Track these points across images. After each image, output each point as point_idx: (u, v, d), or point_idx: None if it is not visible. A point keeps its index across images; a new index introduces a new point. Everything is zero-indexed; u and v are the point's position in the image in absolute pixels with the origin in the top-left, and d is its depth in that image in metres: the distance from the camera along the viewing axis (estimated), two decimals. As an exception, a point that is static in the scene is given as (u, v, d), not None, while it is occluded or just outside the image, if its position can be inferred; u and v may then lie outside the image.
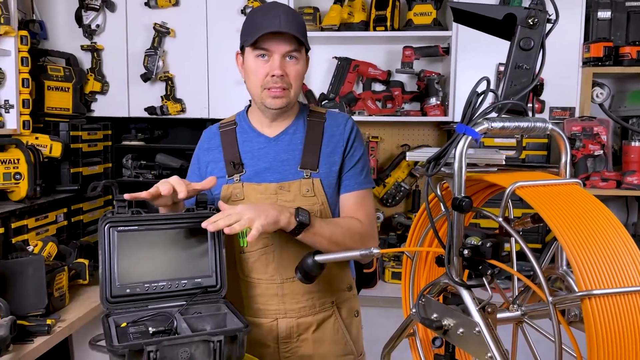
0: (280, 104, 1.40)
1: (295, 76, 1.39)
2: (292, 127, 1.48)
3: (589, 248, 0.75)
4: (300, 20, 1.41)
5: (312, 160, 1.44)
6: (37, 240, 2.20)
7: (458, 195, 0.89)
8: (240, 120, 1.54)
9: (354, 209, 1.46)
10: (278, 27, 1.32)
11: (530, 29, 0.94)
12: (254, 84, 1.41)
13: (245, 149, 1.47)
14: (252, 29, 1.37)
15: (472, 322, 0.86)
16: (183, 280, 1.25)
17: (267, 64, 1.37)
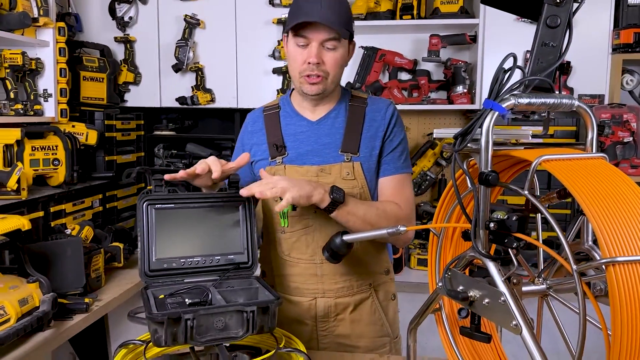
0: (316, 91, 1.41)
1: (333, 64, 1.39)
2: (333, 111, 1.50)
3: (613, 217, 0.77)
4: (344, 7, 1.40)
5: (353, 144, 1.45)
6: (74, 224, 2.28)
7: (485, 169, 0.91)
8: (284, 104, 1.56)
9: (392, 193, 1.47)
10: (316, 17, 1.33)
11: (557, 7, 0.95)
12: (293, 70, 1.43)
13: (288, 132, 1.50)
14: (293, 15, 1.39)
15: (497, 292, 0.88)
16: (216, 257, 1.29)
17: (305, 51, 1.38)
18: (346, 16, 1.40)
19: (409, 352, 1.22)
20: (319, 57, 1.37)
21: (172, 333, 1.02)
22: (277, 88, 2.87)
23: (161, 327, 1.02)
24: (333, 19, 1.34)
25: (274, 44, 2.84)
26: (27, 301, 1.60)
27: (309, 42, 1.37)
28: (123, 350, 1.18)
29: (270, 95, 2.86)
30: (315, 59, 1.37)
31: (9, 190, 1.98)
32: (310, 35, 1.36)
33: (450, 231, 1.15)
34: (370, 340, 1.53)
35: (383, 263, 1.55)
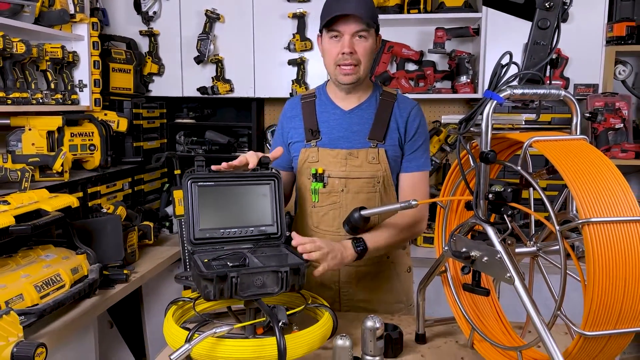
0: (351, 80, 1.56)
1: (364, 53, 1.54)
2: (365, 102, 1.65)
3: (589, 186, 0.93)
4: (370, 3, 1.56)
5: (380, 133, 1.61)
6: (108, 204, 2.45)
7: (485, 149, 1.07)
8: (320, 94, 1.70)
9: (412, 190, 1.64)
10: (347, 11, 1.48)
11: (547, 11, 1.11)
12: (329, 62, 1.58)
13: (323, 119, 1.65)
14: (325, 13, 1.54)
15: (494, 250, 1.04)
16: (250, 228, 1.45)
17: (339, 43, 1.53)
18: (372, 10, 1.56)
19: (418, 309, 1.39)
20: (352, 47, 1.52)
21: (219, 289, 1.19)
22: (292, 79, 3.01)
23: (211, 283, 1.19)
24: (362, 12, 1.50)
25: (289, 37, 2.98)
26: (77, 270, 1.77)
27: (342, 35, 1.52)
28: (173, 306, 1.35)
29: (285, 86, 3.01)
30: (348, 49, 1.51)
31: (54, 172, 2.15)
32: (342, 29, 1.51)
33: (455, 204, 1.32)
34: (388, 305, 1.70)
35: None
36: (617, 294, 0.91)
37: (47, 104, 2.27)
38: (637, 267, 0.91)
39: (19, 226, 1.53)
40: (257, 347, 1.13)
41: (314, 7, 2.96)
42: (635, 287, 0.92)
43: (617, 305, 0.92)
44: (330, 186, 1.60)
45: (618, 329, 0.94)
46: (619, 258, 0.90)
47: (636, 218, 0.92)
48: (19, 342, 1.23)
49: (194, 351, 1.13)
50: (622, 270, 0.91)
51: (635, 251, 0.91)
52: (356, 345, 1.22)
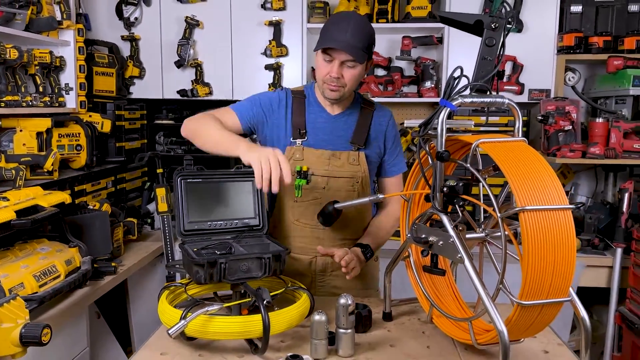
0: (335, 97, 1.68)
1: (350, 79, 1.65)
2: (348, 109, 1.79)
3: (525, 180, 1.10)
4: (366, 34, 1.64)
5: (361, 139, 1.76)
6: (94, 201, 2.55)
7: (440, 149, 1.24)
8: (309, 94, 1.80)
9: (394, 189, 1.86)
10: (339, 45, 1.58)
11: (493, 31, 1.27)
12: (319, 77, 1.69)
13: (310, 119, 1.76)
14: (322, 37, 1.64)
15: (448, 235, 1.21)
16: (235, 220, 1.59)
17: (329, 65, 1.64)
18: (368, 40, 1.65)
19: (385, 291, 1.56)
20: (339, 73, 1.63)
21: (209, 273, 1.33)
22: (269, 82, 3.15)
23: (202, 268, 1.32)
24: (354, 46, 1.59)
25: (265, 43, 3.11)
26: (71, 262, 1.88)
27: (333, 60, 1.63)
28: (166, 291, 1.48)
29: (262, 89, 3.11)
30: (335, 74, 1.63)
31: (45, 171, 2.24)
32: (334, 55, 1.62)
33: (417, 197, 1.48)
34: (357, 291, 1.84)
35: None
36: (547, 269, 1.08)
37: (36, 106, 2.36)
38: (564, 247, 1.09)
39: (20, 220, 1.63)
40: (245, 323, 1.28)
41: (289, 15, 3.10)
42: (563, 263, 1.09)
43: (548, 279, 1.09)
44: (313, 183, 1.74)
45: (549, 299, 1.11)
46: (549, 239, 1.08)
47: (563, 206, 1.09)
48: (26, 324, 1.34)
49: (188, 328, 1.27)
50: (552, 249, 1.08)
51: (562, 234, 1.08)
52: (331, 323, 1.37)
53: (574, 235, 1.10)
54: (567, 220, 1.10)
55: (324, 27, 1.69)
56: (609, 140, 2.74)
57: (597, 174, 3.28)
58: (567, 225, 1.09)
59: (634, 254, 2.52)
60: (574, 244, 1.10)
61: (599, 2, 2.97)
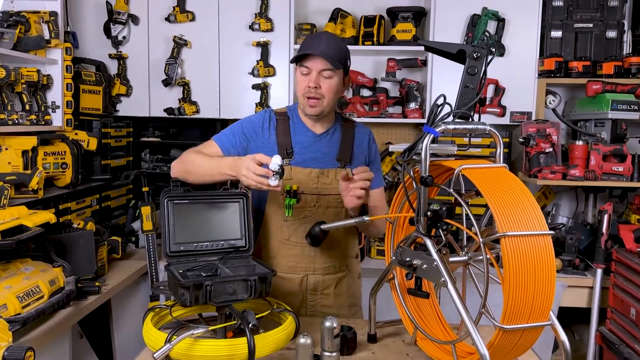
0: (315, 112, 1.72)
1: (328, 89, 1.70)
2: (331, 128, 1.83)
3: (506, 206, 1.13)
4: (340, 46, 1.72)
5: (346, 156, 1.80)
6: (78, 220, 2.53)
7: (424, 174, 1.27)
8: (292, 115, 1.84)
9: (379, 203, 1.86)
10: (315, 51, 1.66)
11: (475, 60, 1.31)
12: (299, 92, 1.74)
13: (296, 139, 1.79)
14: (300, 50, 1.72)
15: (432, 259, 1.23)
16: (221, 241, 1.60)
17: (307, 77, 1.69)
18: (341, 53, 1.72)
19: (370, 312, 1.57)
20: (317, 83, 1.68)
21: (195, 295, 1.33)
22: (256, 102, 3.17)
23: (187, 291, 1.32)
24: (329, 54, 1.66)
25: (253, 64, 3.14)
26: (54, 282, 1.86)
27: (310, 71, 1.69)
28: (151, 313, 1.48)
29: (249, 108, 3.16)
30: (313, 84, 1.68)
31: (29, 190, 2.23)
32: (310, 65, 1.68)
33: (402, 220, 1.50)
34: (347, 309, 1.87)
35: (355, 249, 1.91)
36: (528, 294, 1.11)
37: (22, 124, 2.35)
38: (545, 272, 1.11)
39: (4, 241, 1.62)
40: (230, 347, 1.28)
41: (276, 36, 3.14)
42: (543, 288, 1.12)
43: (529, 303, 1.11)
44: (303, 202, 1.76)
45: (530, 323, 1.13)
46: (530, 264, 1.10)
47: (543, 232, 1.12)
48: (9, 347, 1.33)
49: (173, 351, 1.27)
50: (533, 274, 1.10)
51: (542, 259, 1.11)
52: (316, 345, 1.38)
53: (554, 260, 1.13)
54: (547, 246, 1.12)
55: (301, 44, 1.77)
56: (589, 162, 2.80)
57: (577, 194, 3.34)
58: (547, 251, 1.12)
59: (614, 274, 2.56)
60: (553, 269, 1.13)
61: (578, 28, 3.06)
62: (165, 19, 3.15)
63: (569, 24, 3.07)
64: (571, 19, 3.07)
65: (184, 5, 3.13)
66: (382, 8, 3.26)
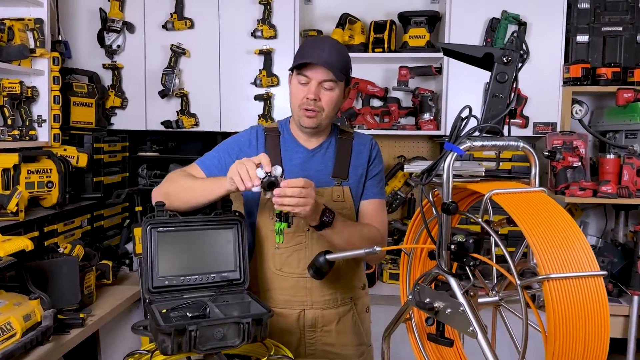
0: (311, 124, 1.57)
1: (328, 102, 1.55)
2: (326, 142, 1.67)
3: (549, 241, 0.94)
4: (343, 56, 1.57)
5: (342, 171, 1.64)
6: (65, 243, 2.37)
7: (446, 200, 1.08)
8: (283, 130, 1.69)
9: (372, 215, 1.65)
10: (317, 60, 1.50)
11: (505, 65, 1.13)
12: (294, 103, 1.59)
13: (287, 156, 1.65)
14: (299, 56, 1.56)
15: (457, 303, 1.04)
16: (212, 274, 1.43)
17: (306, 88, 1.54)
18: (344, 63, 1.57)
19: (384, 357, 1.38)
20: (317, 95, 1.53)
21: (177, 343, 1.15)
22: (259, 113, 3.01)
23: (168, 337, 1.15)
24: (332, 63, 1.51)
25: (255, 73, 2.99)
26: (30, 317, 1.69)
27: (309, 81, 1.53)
28: (130, 359, 1.30)
29: (252, 120, 3.00)
30: (312, 96, 1.53)
31: (9, 212, 2.07)
32: (311, 75, 1.53)
33: (419, 251, 1.32)
34: (353, 348, 1.68)
35: (361, 278, 1.71)
36: (577, 348, 0.92)
37: (4, 140, 2.21)
38: (597, 320, 0.92)
39: (-34, 275, 1.45)
40: (217, 405, 1.10)
41: (280, 44, 2.98)
42: (595, 340, 0.93)
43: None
44: (295, 226, 1.58)
45: (579, 382, 0.94)
46: (579, 312, 0.91)
47: (594, 273, 0.93)
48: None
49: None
50: (582, 324, 0.92)
51: (594, 305, 0.92)
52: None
53: (607, 306, 0.94)
54: (599, 289, 0.93)
55: (299, 49, 1.61)
56: (621, 177, 2.60)
57: (606, 211, 3.13)
58: (599, 295, 0.93)
59: (653, 301, 2.35)
60: (607, 317, 0.94)
61: (607, 32, 2.87)
62: (163, 26, 3.01)
63: (596, 27, 2.88)
64: (598, 22, 2.88)
65: (182, 12, 2.99)
66: (394, 13, 3.09)
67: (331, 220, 1.47)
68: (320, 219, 1.45)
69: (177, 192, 1.52)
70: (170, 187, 1.55)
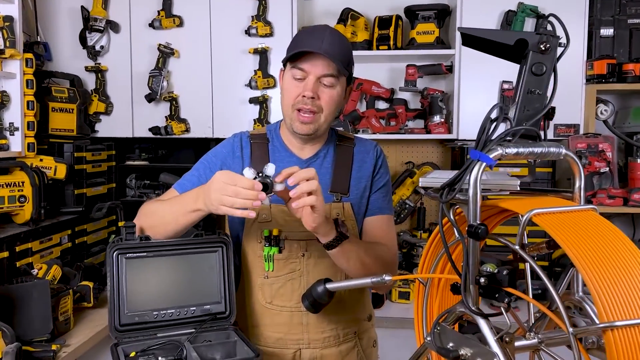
0: (307, 131, 1.37)
1: (328, 101, 1.35)
2: (322, 150, 1.47)
3: (609, 277, 0.74)
4: (345, 47, 1.37)
5: (342, 184, 1.42)
6: (41, 263, 2.18)
7: (473, 222, 0.88)
8: (273, 137, 1.49)
9: (380, 234, 1.44)
10: (317, 49, 1.29)
11: (542, 54, 0.94)
12: (286, 102, 1.38)
13: (277, 169, 1.44)
14: (293, 46, 1.36)
15: (490, 352, 0.84)
16: (192, 307, 1.23)
17: (302, 84, 1.34)
18: (347, 56, 1.37)
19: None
20: (315, 91, 1.33)
21: (144, 398, 0.96)
22: (254, 118, 2.83)
23: (133, 392, 0.95)
24: (333, 55, 1.30)
25: (250, 74, 2.80)
26: (-12, 353, 1.51)
27: (306, 76, 1.33)
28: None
29: (246, 125, 2.82)
30: (310, 93, 1.32)
31: (-29, 231, 1.88)
32: (308, 69, 1.32)
33: (436, 280, 1.12)
34: None
35: (366, 308, 1.51)
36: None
37: (-32, 150, 2.02)
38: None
39: None
40: None
41: (277, 42, 2.80)
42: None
43: None
44: (287, 251, 1.38)
45: None
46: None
47: (669, 317, 0.73)
48: None
49: None
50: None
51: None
52: None
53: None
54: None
55: (294, 39, 1.41)
56: (654, 183, 2.40)
57: (634, 219, 2.91)
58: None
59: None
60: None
61: (633, 25, 2.67)
62: (149, 25, 2.83)
63: (621, 19, 2.68)
64: (624, 14, 2.68)
65: (170, 9, 2.81)
66: (399, 7, 2.91)
67: (347, 232, 1.25)
68: (336, 229, 1.23)
69: (152, 226, 1.30)
70: (144, 221, 1.32)
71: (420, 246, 2.91)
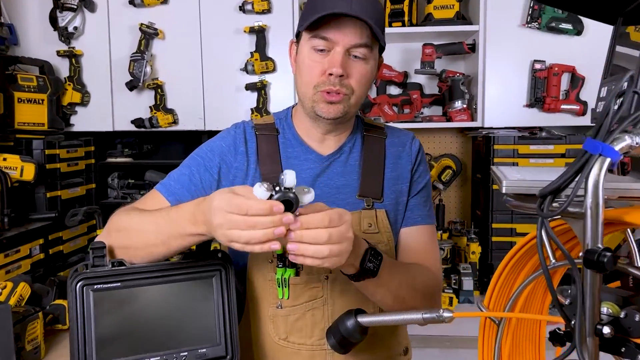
0: (335, 114, 1.10)
1: (360, 79, 1.09)
2: (347, 144, 1.20)
3: None
4: (378, 7, 1.10)
5: (374, 187, 1.16)
6: (5, 281, 1.92)
7: (594, 246, 0.61)
8: (284, 127, 1.22)
9: (422, 250, 1.17)
10: (346, 9, 1.01)
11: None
12: (306, 83, 1.11)
13: (290, 166, 1.16)
14: (311, 9, 1.07)
15: None
16: (182, 352, 0.96)
17: (326, 59, 1.07)
18: (382, 17, 1.11)
19: None
20: (344, 67, 1.06)
21: None
22: (252, 107, 2.57)
23: None
24: (370, 16, 1.03)
25: (246, 56, 2.54)
26: None
27: (332, 47, 1.06)
28: None
29: (243, 116, 2.56)
30: (339, 70, 1.05)
31: None
32: (335, 37, 1.05)
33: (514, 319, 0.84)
34: None
35: (402, 341, 1.24)
36: None
37: None
38: None
39: None
40: None
41: (275, 19, 2.54)
42: None
43: None
44: (307, 273, 1.10)
45: None
46: None
47: None
48: None
49: None
50: None
51: None
52: None
53: None
54: None
55: (308, 2, 1.11)
56: None
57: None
58: None
59: None
60: None
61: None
62: (129, 2, 2.57)
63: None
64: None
65: (152, -17, 2.54)
66: (414, -22, 2.64)
67: (377, 268, 0.97)
68: (361, 265, 0.97)
69: (128, 247, 1.00)
70: (116, 239, 1.02)
71: (441, 248, 2.66)
